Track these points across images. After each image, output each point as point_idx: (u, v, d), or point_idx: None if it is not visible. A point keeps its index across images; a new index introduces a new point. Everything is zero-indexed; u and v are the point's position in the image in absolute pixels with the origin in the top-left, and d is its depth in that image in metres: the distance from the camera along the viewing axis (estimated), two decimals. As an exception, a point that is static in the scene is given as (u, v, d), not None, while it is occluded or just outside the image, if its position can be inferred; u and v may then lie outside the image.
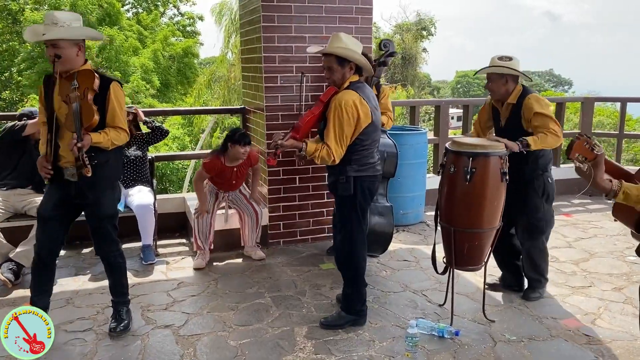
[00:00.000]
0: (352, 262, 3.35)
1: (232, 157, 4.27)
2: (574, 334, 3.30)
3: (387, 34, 27.97)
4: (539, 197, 3.56)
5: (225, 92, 17.88)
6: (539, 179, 3.55)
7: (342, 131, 3.06)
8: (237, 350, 3.11)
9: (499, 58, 3.51)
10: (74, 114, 2.82)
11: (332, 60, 3.10)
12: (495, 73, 3.48)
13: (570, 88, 57.94)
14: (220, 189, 4.48)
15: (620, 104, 7.18)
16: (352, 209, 3.26)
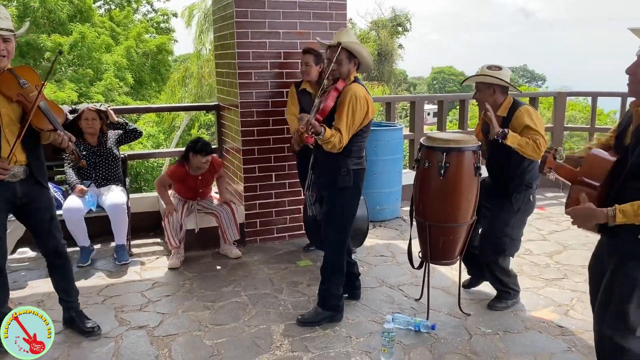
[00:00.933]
0: (338, 256, 3.35)
1: (195, 166, 4.32)
2: (547, 325, 3.34)
3: (364, 30, 28.04)
4: (512, 211, 3.37)
5: (199, 89, 17.71)
6: (521, 194, 3.37)
7: (353, 120, 3.11)
8: (213, 349, 3.07)
9: (487, 67, 3.35)
10: (46, 111, 2.78)
11: (342, 54, 3.12)
12: (483, 83, 3.33)
13: (544, 83, 58.79)
14: (188, 197, 4.46)
15: (592, 98, 7.32)
16: (348, 201, 3.28)
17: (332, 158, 3.16)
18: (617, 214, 2.04)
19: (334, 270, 3.37)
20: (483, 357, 2.98)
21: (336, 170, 3.18)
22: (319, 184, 3.38)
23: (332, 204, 3.28)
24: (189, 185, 4.39)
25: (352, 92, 3.10)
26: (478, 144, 3.25)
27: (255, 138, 4.61)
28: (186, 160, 4.35)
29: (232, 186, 5.11)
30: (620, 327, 2.25)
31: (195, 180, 4.39)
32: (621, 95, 6.86)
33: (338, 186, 3.20)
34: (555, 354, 3.01)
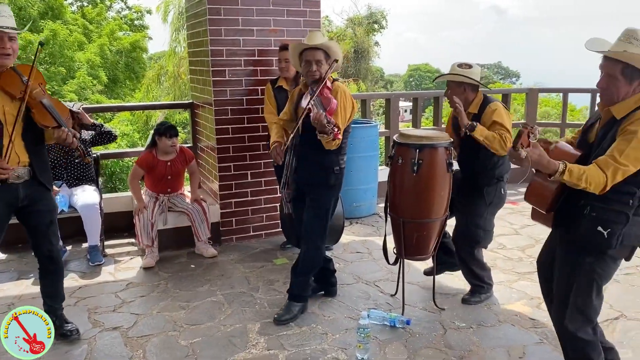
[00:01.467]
0: (319, 253, 3.39)
1: (162, 150, 4.34)
2: (520, 318, 3.40)
3: (340, 27, 28.07)
4: (485, 204, 3.42)
5: (175, 87, 17.53)
6: (492, 187, 3.42)
7: (345, 117, 3.19)
8: (188, 349, 3.05)
9: (458, 65, 3.40)
10: (49, 108, 2.78)
11: (321, 54, 3.15)
12: (453, 81, 3.38)
13: (518, 80, 59.73)
14: (157, 191, 4.42)
15: (563, 94, 7.45)
16: (333, 200, 3.34)
17: (325, 157, 3.19)
18: (566, 171, 2.12)
19: (314, 264, 3.41)
20: (457, 351, 3.02)
21: (329, 169, 3.22)
22: (306, 183, 3.35)
23: (320, 202, 3.31)
24: (159, 172, 4.36)
25: (342, 89, 3.19)
26: (450, 140, 3.29)
27: (230, 136, 4.58)
28: (153, 146, 4.37)
29: (207, 185, 5.07)
30: (581, 320, 2.34)
31: (164, 166, 4.36)
32: (591, 92, 7.00)
33: (330, 184, 3.24)
34: (527, 346, 3.07)
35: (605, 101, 2.25)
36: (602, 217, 2.21)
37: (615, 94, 2.20)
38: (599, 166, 2.13)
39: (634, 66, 2.13)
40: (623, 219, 2.19)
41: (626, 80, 2.16)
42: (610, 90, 2.20)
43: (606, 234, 2.20)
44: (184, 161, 4.47)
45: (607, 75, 2.19)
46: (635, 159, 2.11)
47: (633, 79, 2.16)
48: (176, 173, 4.44)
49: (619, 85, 2.17)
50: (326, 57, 3.17)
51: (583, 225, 2.25)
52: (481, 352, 3.01)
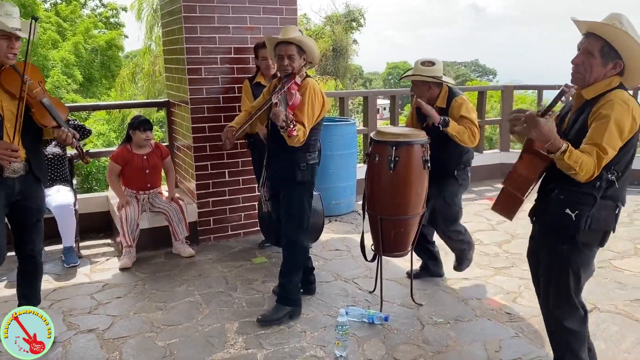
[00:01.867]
0: (300, 250, 3.36)
1: (137, 144, 4.32)
2: (496, 312, 3.44)
3: (318, 25, 28.04)
4: (458, 185, 3.64)
5: (151, 85, 17.33)
6: (461, 171, 3.65)
7: (313, 114, 3.16)
8: (165, 350, 3.02)
9: (421, 63, 3.48)
10: (49, 107, 2.81)
11: (293, 49, 3.14)
12: (418, 80, 3.50)
13: (495, 77, 60.32)
14: (137, 187, 4.36)
15: (537, 91, 7.57)
16: (305, 196, 3.31)
17: (291, 153, 3.17)
18: (567, 151, 2.07)
19: (297, 264, 3.38)
20: (435, 346, 3.04)
21: (295, 165, 3.20)
22: (275, 180, 3.36)
23: (292, 198, 3.29)
24: (136, 166, 4.31)
25: (311, 86, 3.15)
26: (426, 137, 3.31)
27: (206, 135, 4.54)
28: (128, 141, 4.35)
29: (184, 184, 5.03)
30: (567, 310, 2.37)
31: (141, 159, 4.32)
32: (565, 89, 7.12)
33: (297, 181, 3.22)
34: (503, 340, 3.10)
35: (576, 80, 2.24)
36: (570, 199, 2.23)
37: (588, 72, 2.19)
38: (588, 153, 2.12)
39: (612, 46, 2.13)
40: (590, 200, 2.21)
41: (602, 60, 2.16)
42: (583, 67, 2.19)
43: (574, 216, 2.22)
44: (161, 156, 4.43)
45: (585, 52, 2.18)
46: (615, 144, 2.12)
47: (608, 61, 2.16)
48: (154, 167, 4.38)
49: (593, 64, 2.17)
50: (300, 52, 3.15)
51: (551, 208, 2.28)
52: (458, 347, 3.04)
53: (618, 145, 2.13)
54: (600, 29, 2.15)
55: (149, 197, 4.41)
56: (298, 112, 3.10)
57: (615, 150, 2.13)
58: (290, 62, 3.14)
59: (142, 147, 4.34)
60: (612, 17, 2.15)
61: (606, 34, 2.14)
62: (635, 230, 4.94)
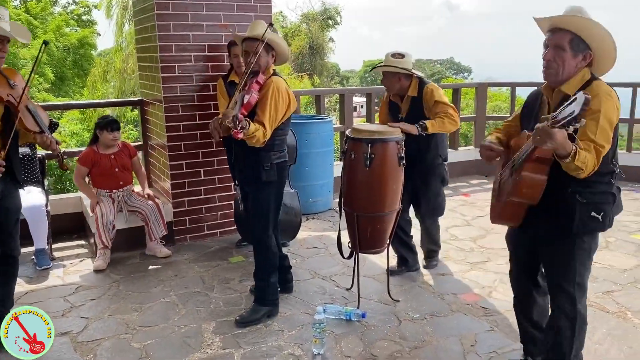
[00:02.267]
0: (269, 250, 3.33)
1: (104, 144, 4.27)
2: (472, 307, 3.49)
3: (294, 23, 28.00)
4: (439, 184, 3.81)
5: (123, 84, 17.07)
6: (439, 168, 3.76)
7: (275, 114, 3.09)
8: (141, 352, 2.98)
9: (392, 55, 3.57)
10: (34, 113, 2.83)
11: (260, 46, 3.07)
12: (389, 71, 3.59)
13: (470, 75, 60.94)
14: (110, 187, 4.29)
15: (511, 88, 7.67)
16: (273, 196, 3.26)
17: (255, 153, 3.13)
18: (576, 154, 2.01)
19: (269, 265, 3.35)
20: (411, 342, 3.07)
21: (259, 165, 3.15)
22: (242, 180, 3.35)
23: (258, 199, 3.25)
24: (104, 166, 4.24)
25: (274, 85, 3.08)
26: (401, 134, 3.33)
27: (181, 133, 4.49)
28: (95, 141, 4.29)
29: (159, 184, 4.97)
30: (584, 291, 2.36)
31: (109, 159, 4.26)
32: (537, 85, 7.23)
33: (262, 181, 3.17)
34: (479, 334, 3.14)
35: (549, 76, 2.22)
36: (593, 201, 2.19)
37: (560, 67, 2.17)
38: (586, 150, 2.08)
39: (580, 37, 2.13)
40: (610, 198, 2.22)
41: (572, 52, 2.15)
42: (556, 63, 2.17)
43: (600, 217, 2.20)
44: (129, 155, 4.37)
45: (555, 46, 2.17)
46: (608, 138, 2.11)
47: (578, 52, 2.16)
48: (123, 165, 4.31)
49: (565, 57, 2.16)
50: (267, 49, 3.10)
51: (577, 213, 2.20)
52: (434, 342, 3.07)
53: (611, 138, 2.13)
54: (567, 21, 2.15)
55: (123, 196, 4.34)
56: (259, 112, 3.04)
57: (609, 144, 2.13)
58: (256, 60, 3.08)
59: (110, 147, 4.28)
60: (574, 10, 2.15)
61: (574, 25, 2.13)
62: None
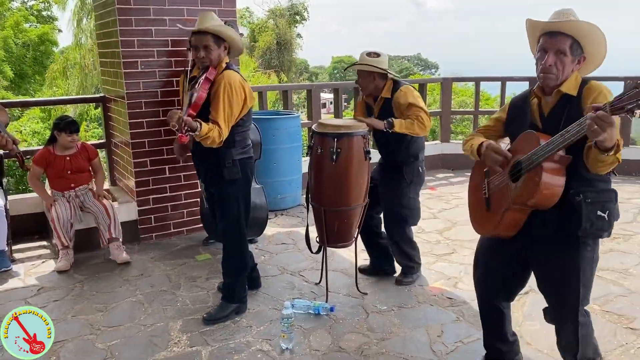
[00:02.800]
0: (239, 249, 3.29)
1: (62, 146, 4.15)
2: (438, 298, 3.54)
3: (261, 19, 27.83)
4: (406, 184, 3.57)
5: (84, 80, 16.68)
6: (410, 166, 3.56)
7: (231, 111, 3.00)
8: (106, 352, 2.93)
9: (367, 54, 3.47)
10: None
11: (209, 39, 3.00)
12: (364, 70, 3.48)
13: (437, 71, 61.63)
14: (61, 188, 4.18)
15: (475, 83, 7.79)
16: (238, 193, 3.20)
17: (214, 151, 3.05)
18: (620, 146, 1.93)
19: (238, 262, 3.32)
20: (379, 334, 3.09)
21: (220, 163, 3.09)
22: (205, 181, 3.27)
23: (223, 199, 3.20)
24: (57, 167, 4.14)
25: (226, 80, 2.98)
26: (367, 129, 3.35)
27: (144, 130, 4.42)
28: (52, 142, 4.18)
29: (123, 182, 4.88)
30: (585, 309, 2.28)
31: (63, 161, 4.15)
32: (501, 80, 7.38)
33: (225, 179, 3.11)
34: (445, 324, 3.19)
35: (549, 80, 2.16)
36: (598, 201, 2.11)
37: (561, 72, 2.14)
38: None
39: (579, 42, 2.11)
40: (613, 195, 2.16)
41: (572, 57, 2.14)
42: (556, 67, 2.14)
43: (606, 216, 2.11)
44: (87, 158, 4.25)
45: (557, 51, 2.13)
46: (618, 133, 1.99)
47: (576, 57, 2.14)
48: (77, 168, 4.20)
49: (565, 62, 2.13)
50: (218, 42, 3.03)
51: (584, 215, 2.10)
52: (402, 333, 3.10)
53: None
54: (571, 26, 2.10)
55: (76, 195, 4.21)
56: (212, 111, 2.95)
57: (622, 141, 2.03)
58: (206, 54, 3.00)
59: (67, 149, 4.17)
60: (568, 12, 2.12)
61: (577, 30, 2.10)
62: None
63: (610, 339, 3.00)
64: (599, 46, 2.16)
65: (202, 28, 3.00)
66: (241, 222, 3.25)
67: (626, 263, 4.04)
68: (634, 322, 3.18)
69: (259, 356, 2.88)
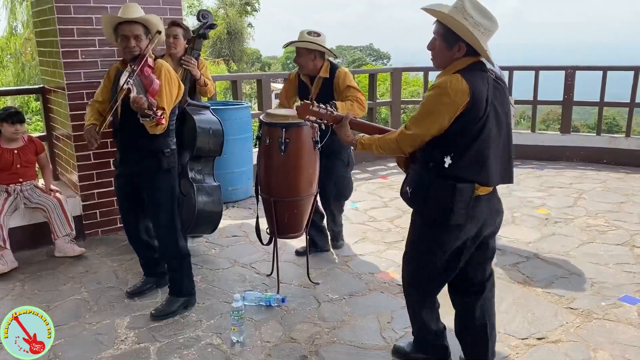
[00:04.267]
0: (175, 239, 3.21)
1: (6, 137, 4.00)
2: (388, 285, 3.59)
3: (210, 7, 27.31)
4: (345, 167, 3.83)
5: (21, 71, 15.95)
6: (345, 151, 3.78)
7: (171, 97, 3.04)
8: (49, 353, 2.82)
9: (307, 33, 3.54)
10: None
11: (139, 29, 2.97)
12: (304, 48, 3.57)
13: (389, 61, 62.28)
14: (6, 181, 4.00)
15: (424, 73, 7.92)
16: (173, 183, 3.18)
17: (152, 140, 3.01)
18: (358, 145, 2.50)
19: (180, 254, 3.25)
20: (330, 322, 3.11)
21: (158, 152, 3.06)
22: (135, 173, 3.14)
23: (159, 188, 3.13)
24: (5, 161, 3.97)
25: (165, 67, 3.03)
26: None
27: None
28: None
29: (65, 176, 4.70)
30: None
31: (11, 154, 3.99)
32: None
33: (164, 169, 3.09)
34: (395, 311, 3.24)
35: (435, 64, 2.26)
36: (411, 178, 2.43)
37: (437, 57, 2.22)
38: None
39: (451, 30, 2.13)
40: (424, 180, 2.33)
41: (445, 43, 2.16)
42: (435, 52, 2.23)
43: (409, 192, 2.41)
44: (35, 152, 4.10)
45: (433, 38, 2.22)
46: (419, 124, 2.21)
47: (451, 44, 2.15)
48: (26, 162, 4.04)
49: (438, 47, 2.20)
50: (146, 32, 3.01)
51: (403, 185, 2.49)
52: (353, 321, 3.13)
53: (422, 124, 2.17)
54: (435, 14, 2.17)
55: (22, 190, 4.05)
56: (157, 98, 2.93)
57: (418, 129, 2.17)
58: (137, 43, 2.97)
59: (13, 141, 4.00)
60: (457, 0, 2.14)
61: (442, 19, 2.15)
62: (512, 200, 5.35)
63: (551, 319, 3.13)
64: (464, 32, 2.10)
65: (135, 18, 2.97)
66: (175, 212, 3.21)
67: (567, 246, 4.21)
68: (573, 302, 3.32)
69: (209, 350, 2.85)
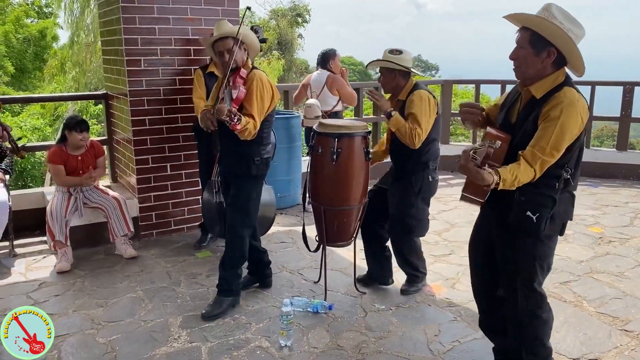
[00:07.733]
0: (243, 243, 3.35)
1: (72, 145, 4.17)
2: (436, 298, 3.57)
3: (263, 19, 27.82)
4: (414, 193, 3.40)
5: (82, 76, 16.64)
6: (418, 175, 3.40)
7: (263, 106, 3.16)
8: (107, 347, 2.96)
9: (389, 52, 3.36)
10: None
11: (231, 43, 3.13)
12: (385, 68, 3.37)
13: (437, 72, 61.64)
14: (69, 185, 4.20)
15: (475, 86, 7.84)
16: (256, 189, 3.34)
17: (245, 147, 3.19)
18: (500, 182, 2.10)
19: (240, 256, 3.38)
20: (377, 332, 3.13)
21: (249, 159, 3.22)
22: (228, 174, 3.38)
23: (240, 192, 3.30)
24: (70, 167, 4.17)
25: (257, 77, 3.15)
26: (367, 129, 3.38)
27: (147, 128, 4.45)
28: (64, 141, 4.18)
29: (124, 178, 4.91)
30: (537, 297, 2.42)
31: (76, 161, 4.18)
32: (501, 83, 7.42)
33: (252, 175, 3.25)
34: (442, 324, 3.23)
35: (518, 75, 2.26)
36: (531, 201, 2.24)
37: (524, 65, 2.21)
38: (527, 161, 2.14)
39: (541, 35, 2.15)
40: (550, 202, 2.25)
41: (533, 50, 2.17)
42: (519, 61, 2.22)
43: (535, 218, 2.24)
44: (95, 155, 4.29)
45: (518, 45, 2.22)
46: (560, 147, 2.14)
47: (540, 50, 2.16)
48: (88, 167, 4.24)
49: (526, 55, 2.19)
50: (239, 46, 3.13)
51: (513, 209, 2.27)
52: (399, 332, 3.14)
53: (562, 148, 2.15)
54: (524, 19, 2.19)
55: (82, 190, 4.23)
56: (247, 105, 3.11)
57: (560, 153, 2.15)
58: (231, 57, 3.12)
59: (78, 148, 4.19)
60: (543, 8, 2.18)
61: (531, 23, 2.17)
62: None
63: (605, 340, 3.04)
64: (560, 38, 2.14)
65: (224, 34, 3.15)
66: (252, 217, 3.36)
67: (622, 266, 4.08)
68: (628, 324, 3.22)
69: (258, 353, 2.92)
